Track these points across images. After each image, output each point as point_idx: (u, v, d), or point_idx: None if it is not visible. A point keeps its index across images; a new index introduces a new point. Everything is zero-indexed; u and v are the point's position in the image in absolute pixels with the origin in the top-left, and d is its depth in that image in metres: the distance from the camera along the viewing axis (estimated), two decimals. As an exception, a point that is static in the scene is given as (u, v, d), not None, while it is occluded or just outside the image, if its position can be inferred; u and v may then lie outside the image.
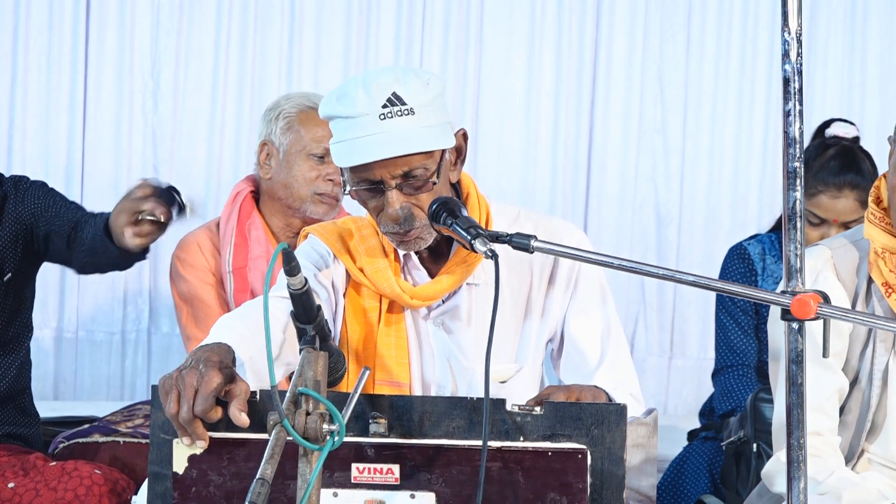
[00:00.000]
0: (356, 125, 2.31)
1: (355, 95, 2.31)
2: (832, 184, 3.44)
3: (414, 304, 2.47)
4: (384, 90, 2.31)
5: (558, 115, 5.26)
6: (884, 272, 2.50)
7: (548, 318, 2.52)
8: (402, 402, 1.99)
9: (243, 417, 1.96)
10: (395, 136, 2.30)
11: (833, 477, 2.43)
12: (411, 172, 2.33)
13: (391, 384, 2.48)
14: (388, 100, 2.30)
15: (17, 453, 3.09)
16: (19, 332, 3.16)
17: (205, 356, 2.04)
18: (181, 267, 3.49)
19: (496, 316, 2.04)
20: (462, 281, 2.47)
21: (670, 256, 5.27)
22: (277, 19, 5.11)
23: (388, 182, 2.33)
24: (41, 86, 5.01)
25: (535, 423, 1.95)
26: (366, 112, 2.30)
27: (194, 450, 1.99)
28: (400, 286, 2.46)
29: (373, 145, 2.29)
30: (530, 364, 2.52)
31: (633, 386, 2.49)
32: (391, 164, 2.32)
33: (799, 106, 1.90)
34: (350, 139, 2.31)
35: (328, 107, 2.36)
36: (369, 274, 2.47)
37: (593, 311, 2.52)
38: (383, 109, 2.29)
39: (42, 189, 3.15)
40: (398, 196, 2.34)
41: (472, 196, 2.51)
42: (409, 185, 2.35)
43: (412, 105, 2.31)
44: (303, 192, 3.42)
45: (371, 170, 2.33)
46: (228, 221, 3.50)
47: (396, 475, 1.96)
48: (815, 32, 5.31)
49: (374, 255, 2.48)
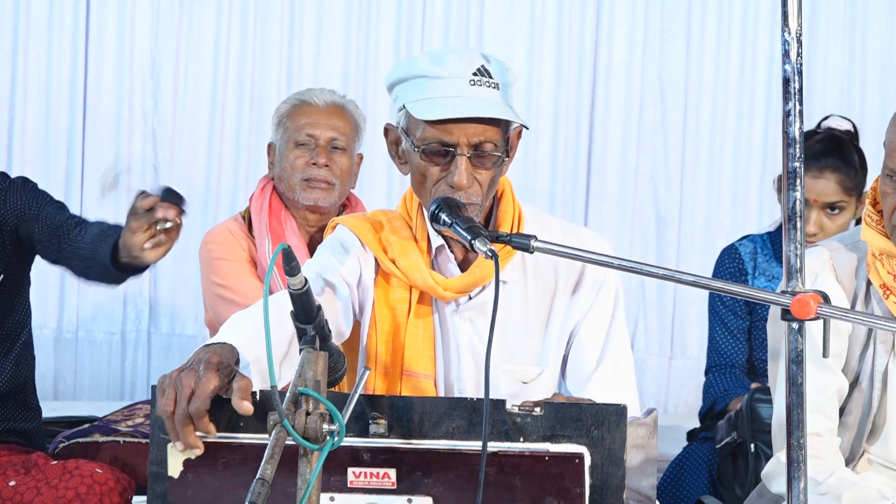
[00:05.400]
0: (446, 85, 2.35)
1: (447, 58, 2.37)
2: (814, 165, 3.49)
3: (446, 297, 2.48)
4: (476, 60, 2.38)
5: (558, 115, 5.26)
6: (881, 274, 2.51)
7: (569, 322, 2.53)
8: (401, 402, 1.99)
9: (246, 405, 1.95)
10: (484, 100, 2.35)
11: (833, 477, 2.43)
12: (483, 145, 2.36)
13: (415, 376, 2.48)
14: (478, 69, 2.37)
15: (18, 452, 3.09)
16: (12, 330, 3.15)
17: (205, 357, 2.04)
18: (217, 253, 3.50)
19: (496, 315, 2.04)
20: (492, 276, 2.47)
21: (670, 256, 5.28)
22: (277, 19, 5.12)
23: (462, 147, 2.36)
24: (41, 86, 5.01)
25: (535, 424, 1.94)
26: (458, 74, 2.35)
27: (188, 453, 1.99)
28: (433, 278, 2.46)
29: (463, 104, 2.34)
30: (551, 368, 2.53)
31: (629, 390, 2.50)
32: (471, 129, 2.35)
33: (799, 106, 1.90)
34: (439, 97, 2.35)
35: (413, 66, 2.40)
36: (402, 265, 2.47)
37: (604, 317, 2.53)
38: (474, 77, 2.36)
39: (24, 186, 3.10)
40: (467, 164, 2.36)
41: (506, 195, 2.53)
42: (478, 158, 2.38)
43: (497, 81, 2.38)
44: (293, 180, 3.48)
45: (450, 131, 2.35)
46: (261, 212, 3.53)
47: (393, 479, 1.95)
48: (815, 32, 5.31)
49: (406, 246, 2.48)
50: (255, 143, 5.04)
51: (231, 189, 5.09)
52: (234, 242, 3.53)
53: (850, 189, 3.52)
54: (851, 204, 3.54)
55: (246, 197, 3.88)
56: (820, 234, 3.49)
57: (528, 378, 2.51)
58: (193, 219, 5.03)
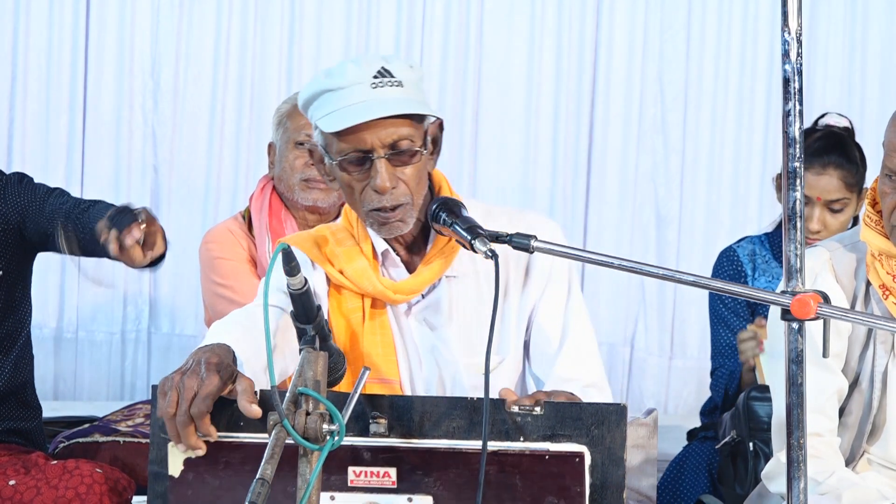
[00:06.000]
0: (348, 94, 2.35)
1: (345, 68, 2.37)
2: (816, 162, 3.48)
3: (396, 300, 2.49)
4: (374, 64, 2.38)
5: (558, 115, 5.26)
6: (881, 275, 2.51)
7: (525, 309, 2.53)
8: (402, 402, 1.99)
9: (254, 408, 1.96)
10: (388, 101, 2.35)
11: (833, 477, 2.43)
12: (399, 143, 2.37)
13: (381, 382, 2.49)
14: (378, 72, 2.37)
15: (18, 452, 3.09)
16: (13, 329, 3.14)
17: (205, 357, 2.04)
18: (217, 252, 3.50)
19: (496, 315, 2.05)
20: (441, 273, 2.49)
21: (670, 256, 5.27)
22: (277, 19, 5.12)
23: (377, 150, 2.36)
24: (41, 86, 5.01)
25: (535, 424, 1.95)
26: (358, 81, 2.35)
27: (189, 453, 1.99)
28: (381, 283, 2.47)
29: (367, 108, 2.34)
30: (512, 355, 2.53)
31: (595, 372, 2.51)
32: (382, 131, 2.35)
33: (799, 106, 1.90)
34: (342, 107, 2.35)
35: (316, 84, 2.40)
36: (350, 274, 2.48)
37: (559, 298, 2.53)
38: (374, 80, 2.36)
39: (21, 182, 3.09)
40: (387, 165, 2.36)
41: (443, 190, 2.54)
42: (396, 157, 2.38)
43: (400, 79, 2.38)
44: (292, 180, 3.48)
45: (362, 138, 2.35)
46: (261, 212, 3.53)
47: (393, 478, 1.96)
48: (815, 32, 5.31)
49: (352, 256, 2.49)
50: (255, 143, 5.04)
51: (231, 189, 5.09)
52: (234, 242, 3.53)
53: (852, 186, 3.52)
54: (853, 201, 3.54)
55: (246, 197, 3.88)
56: (823, 231, 3.48)
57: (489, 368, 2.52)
58: (193, 219, 5.04)
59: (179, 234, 4.83)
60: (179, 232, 4.84)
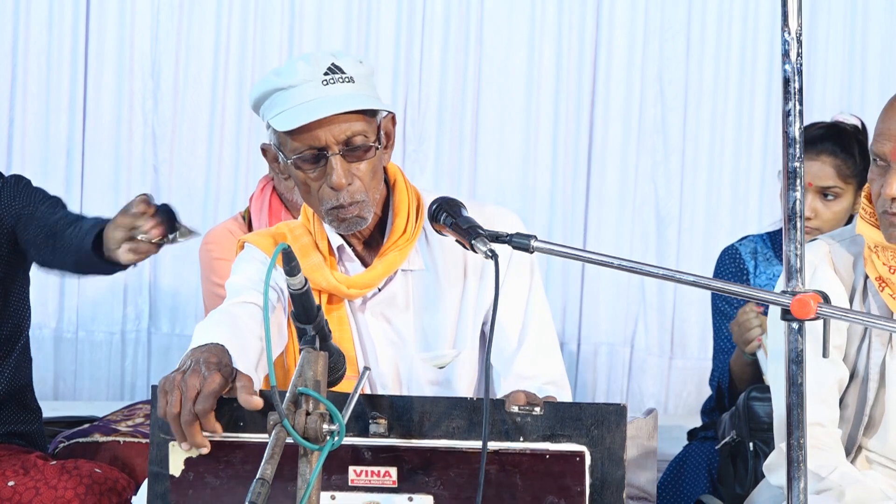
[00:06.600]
0: (299, 92, 2.36)
1: (295, 67, 2.38)
2: (811, 149, 3.48)
3: (351, 294, 2.50)
4: (324, 61, 2.39)
5: (558, 115, 5.26)
6: (877, 266, 2.52)
7: (482, 303, 2.53)
8: (401, 402, 1.99)
9: (255, 400, 1.97)
10: (340, 97, 2.36)
11: (836, 473, 2.43)
12: (353, 139, 2.38)
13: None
14: (328, 68, 2.38)
15: (17, 452, 3.09)
16: (12, 333, 3.13)
17: (204, 357, 2.04)
18: (217, 253, 3.50)
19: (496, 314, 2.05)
20: (396, 267, 2.50)
21: (670, 256, 5.27)
22: (277, 19, 5.12)
23: (331, 147, 2.37)
24: (41, 86, 5.01)
25: (535, 424, 1.95)
26: (308, 79, 2.36)
27: (190, 453, 1.99)
28: (335, 277, 2.48)
29: (319, 105, 2.35)
30: (469, 349, 2.54)
31: (554, 369, 2.51)
32: (336, 127, 2.36)
33: (799, 106, 1.90)
34: (294, 105, 2.36)
35: (267, 84, 2.40)
36: (305, 270, 2.49)
37: (519, 293, 2.53)
38: (325, 76, 2.37)
39: (18, 185, 3.08)
40: (341, 162, 2.37)
41: (399, 183, 2.54)
42: (351, 153, 2.39)
43: (351, 75, 2.39)
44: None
45: (315, 135, 2.36)
46: (261, 212, 3.53)
47: (394, 478, 1.96)
48: (815, 32, 5.31)
49: (307, 252, 2.50)
50: (255, 143, 5.04)
51: (231, 189, 5.09)
52: (233, 242, 3.53)
53: (848, 177, 3.51)
54: (848, 192, 3.52)
55: (246, 197, 3.88)
56: (814, 219, 3.47)
57: (443, 362, 2.53)
58: (193, 219, 5.03)
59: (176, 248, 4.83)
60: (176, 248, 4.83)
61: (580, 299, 5.25)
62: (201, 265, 3.57)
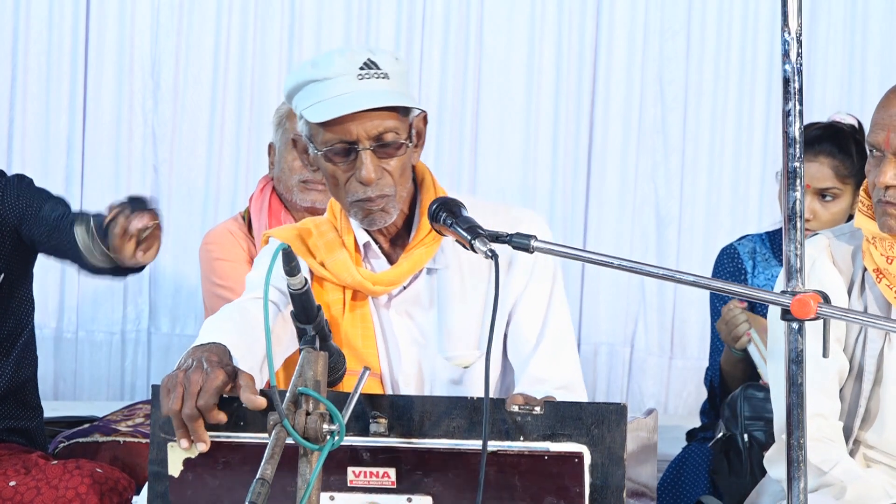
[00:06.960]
0: (334, 85, 2.36)
1: (331, 59, 2.38)
2: (809, 150, 3.48)
3: (376, 291, 2.49)
4: (360, 55, 2.39)
5: (558, 115, 5.26)
6: (875, 257, 2.53)
7: (506, 305, 2.53)
8: (402, 401, 1.99)
9: (258, 399, 1.96)
10: (374, 92, 2.36)
11: (838, 468, 2.43)
12: (384, 136, 2.38)
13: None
14: (364, 63, 2.38)
15: (18, 452, 3.09)
16: (14, 329, 3.14)
17: (205, 356, 2.04)
18: (217, 253, 3.50)
19: (497, 314, 2.05)
20: (422, 265, 2.50)
21: (670, 256, 5.27)
22: (277, 19, 5.11)
23: (362, 142, 2.37)
24: (41, 86, 5.00)
25: (535, 423, 1.95)
26: (344, 72, 2.36)
27: (190, 453, 1.99)
28: (361, 274, 2.48)
29: (353, 99, 2.35)
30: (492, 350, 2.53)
31: (569, 373, 2.51)
32: (368, 123, 2.36)
33: (799, 106, 1.90)
34: (328, 98, 2.36)
35: (302, 74, 2.41)
36: (330, 266, 2.49)
37: (541, 297, 2.54)
38: (360, 71, 2.37)
39: (20, 184, 3.08)
40: (372, 157, 2.37)
41: (426, 182, 2.54)
42: (381, 150, 2.39)
43: (386, 71, 2.39)
44: (290, 181, 3.49)
45: (347, 129, 2.36)
46: (261, 213, 3.53)
47: (393, 478, 1.96)
48: (815, 32, 5.31)
49: (333, 247, 2.50)
50: (255, 143, 5.04)
51: (231, 189, 5.09)
52: (233, 243, 3.53)
53: (845, 177, 3.51)
54: (846, 193, 3.52)
55: (246, 197, 3.87)
56: (813, 220, 3.47)
57: (467, 363, 2.53)
58: (193, 219, 5.04)
59: (179, 234, 4.83)
60: (179, 232, 4.84)
61: (580, 299, 5.25)
62: (201, 265, 3.57)
